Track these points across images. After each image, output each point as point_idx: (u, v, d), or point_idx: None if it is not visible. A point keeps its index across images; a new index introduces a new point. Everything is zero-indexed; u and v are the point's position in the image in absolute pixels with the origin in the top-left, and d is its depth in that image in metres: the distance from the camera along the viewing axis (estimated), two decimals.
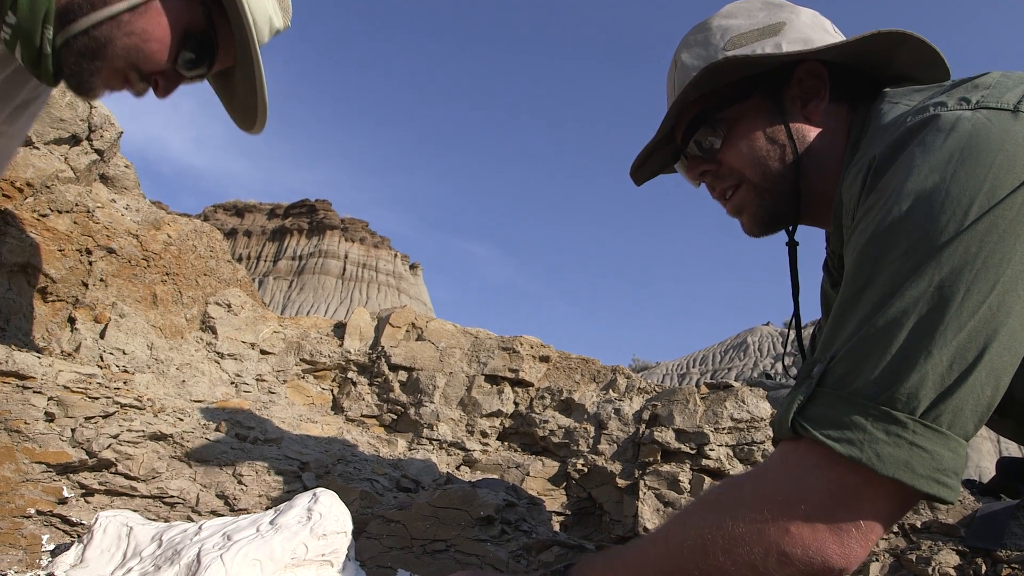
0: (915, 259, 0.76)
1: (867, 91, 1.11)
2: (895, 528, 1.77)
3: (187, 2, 1.22)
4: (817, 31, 1.13)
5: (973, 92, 0.85)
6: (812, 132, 1.13)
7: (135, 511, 1.55)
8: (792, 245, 1.24)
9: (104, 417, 1.74)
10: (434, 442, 2.50)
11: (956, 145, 0.79)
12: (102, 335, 2.14)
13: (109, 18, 1.15)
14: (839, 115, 1.13)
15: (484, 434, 2.55)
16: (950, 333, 0.72)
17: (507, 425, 2.59)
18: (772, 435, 1.97)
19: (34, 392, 1.66)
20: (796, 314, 1.30)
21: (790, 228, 1.25)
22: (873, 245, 0.81)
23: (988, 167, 0.76)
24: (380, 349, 2.71)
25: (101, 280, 2.21)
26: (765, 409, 2.13)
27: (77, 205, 2.13)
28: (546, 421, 2.48)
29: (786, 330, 1.50)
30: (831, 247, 1.28)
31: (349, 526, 1.31)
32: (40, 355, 1.84)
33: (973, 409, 0.73)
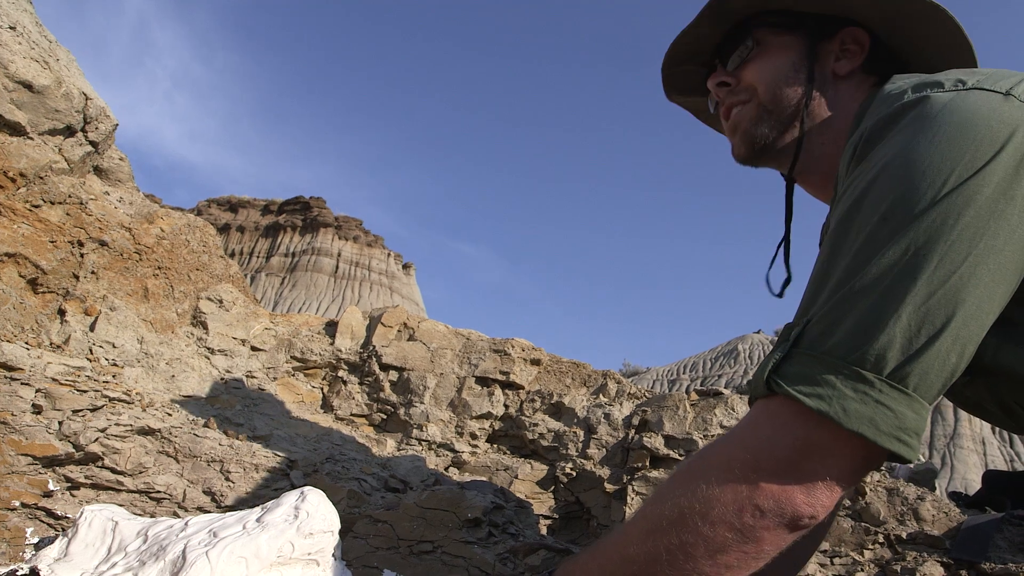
0: (892, 225, 0.79)
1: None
2: (880, 538, 1.77)
3: None
4: None
5: (970, 76, 0.88)
6: (832, 86, 1.16)
7: (121, 506, 1.54)
8: (790, 180, 1.27)
9: (92, 410, 1.73)
10: (423, 443, 2.50)
11: (943, 120, 0.82)
12: (92, 328, 2.13)
13: None
14: (862, 88, 1.16)
15: (473, 436, 2.54)
16: (920, 298, 0.75)
17: (497, 427, 2.58)
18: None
19: (22, 384, 1.65)
20: (787, 237, 1.32)
21: (790, 172, 1.27)
22: (853, 211, 0.84)
23: (970, 141, 0.78)
24: (371, 348, 2.71)
25: (92, 272, 2.20)
26: None
27: (70, 197, 2.12)
28: (536, 424, 2.48)
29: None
30: (827, 219, 1.31)
31: (336, 525, 1.31)
32: (29, 346, 1.83)
33: (938, 373, 0.76)
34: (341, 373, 2.68)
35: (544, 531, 2.14)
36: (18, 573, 1.24)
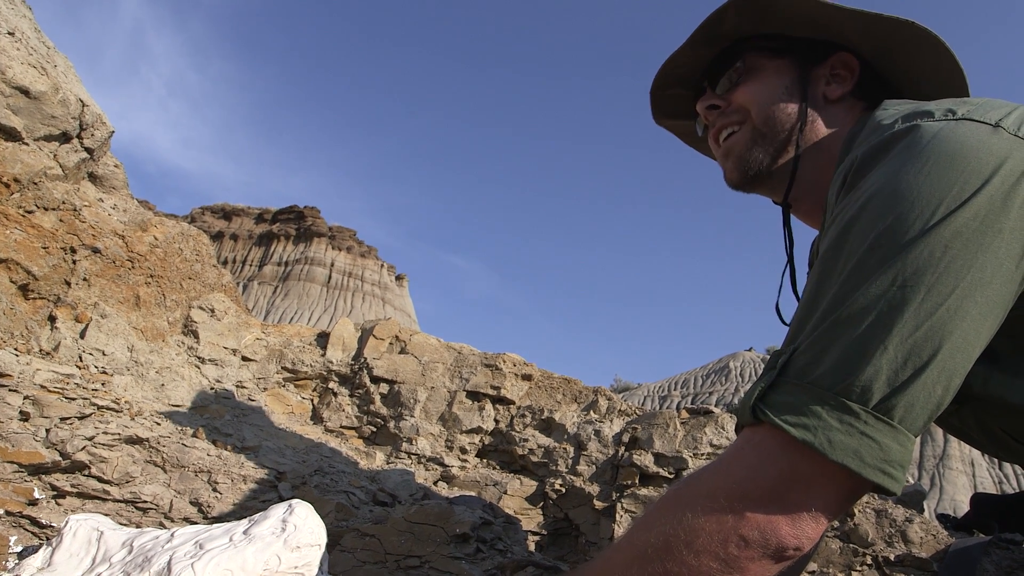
0: (879, 255, 0.79)
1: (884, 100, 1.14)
2: (868, 560, 1.77)
3: None
4: None
5: (960, 106, 0.89)
6: (824, 110, 1.17)
7: (107, 515, 1.53)
8: (786, 206, 1.26)
9: (80, 418, 1.72)
10: (413, 456, 2.49)
11: (933, 150, 0.82)
12: (82, 335, 2.12)
13: None
14: (852, 112, 1.17)
15: (463, 450, 2.54)
16: (907, 331, 0.75)
17: (487, 442, 2.58)
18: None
19: (9, 390, 1.64)
20: (790, 264, 1.31)
21: (785, 198, 1.26)
22: (841, 239, 0.84)
23: (960, 172, 0.79)
24: (362, 360, 2.70)
25: (84, 279, 2.19)
26: None
27: (64, 203, 2.11)
28: (526, 440, 2.47)
29: (768, 355, 1.51)
30: (815, 241, 1.30)
31: (323, 539, 1.30)
32: (18, 353, 1.82)
33: (924, 406, 0.76)
34: (332, 385, 2.67)
35: (532, 547, 2.13)
36: None
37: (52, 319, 2.08)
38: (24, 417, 1.63)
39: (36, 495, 1.56)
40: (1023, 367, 0.89)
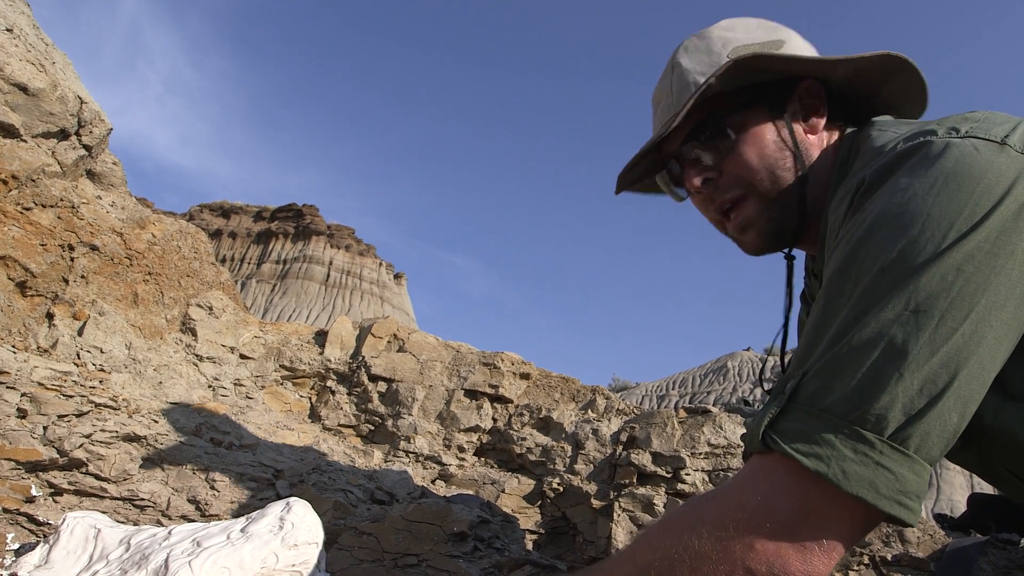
0: (891, 278, 0.77)
1: (853, 118, 1.13)
2: (866, 560, 1.78)
3: None
4: (809, 53, 1.16)
5: (963, 123, 0.87)
6: (813, 145, 1.14)
7: (104, 513, 1.53)
8: (790, 259, 1.24)
9: (78, 416, 1.72)
10: (410, 455, 2.49)
11: (942, 170, 0.80)
12: (80, 332, 2.12)
13: None
14: (831, 135, 1.15)
15: (461, 449, 2.54)
16: (922, 358, 0.73)
17: (484, 441, 2.58)
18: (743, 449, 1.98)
19: (7, 387, 1.64)
20: (785, 327, 1.29)
21: (791, 246, 1.23)
22: (850, 261, 0.82)
23: (970, 193, 0.77)
24: (361, 359, 2.70)
25: (82, 277, 2.19)
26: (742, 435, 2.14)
27: (62, 200, 2.11)
28: (524, 438, 2.48)
29: (766, 356, 1.49)
30: (816, 268, 1.28)
31: (321, 537, 1.30)
32: (15, 350, 1.82)
33: (939, 434, 0.74)
34: (330, 383, 2.67)
35: (530, 546, 2.14)
36: None
37: (50, 316, 2.08)
38: (22, 414, 1.63)
39: (33, 492, 1.56)
40: None
